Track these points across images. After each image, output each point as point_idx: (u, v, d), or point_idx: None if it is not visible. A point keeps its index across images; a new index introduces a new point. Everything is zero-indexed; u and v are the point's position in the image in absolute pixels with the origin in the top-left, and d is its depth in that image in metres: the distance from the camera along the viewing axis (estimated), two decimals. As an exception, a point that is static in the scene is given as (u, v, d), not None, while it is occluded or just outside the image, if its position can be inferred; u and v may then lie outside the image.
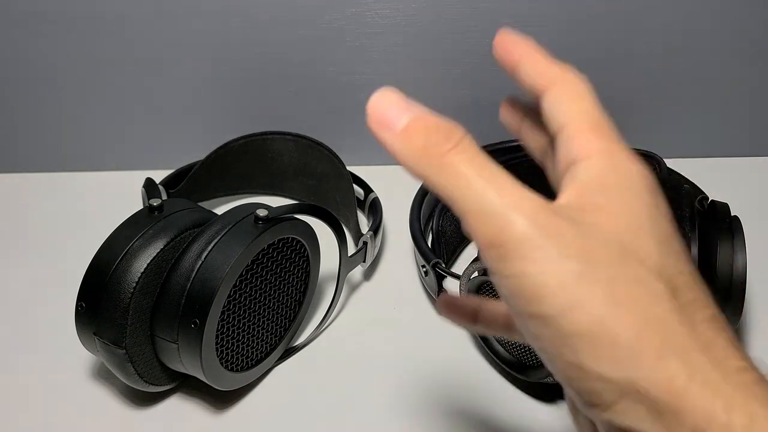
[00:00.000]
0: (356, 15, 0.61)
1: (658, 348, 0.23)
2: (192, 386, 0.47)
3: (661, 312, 0.24)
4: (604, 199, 0.26)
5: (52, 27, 0.62)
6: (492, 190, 0.25)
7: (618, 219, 0.25)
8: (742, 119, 0.68)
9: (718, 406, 0.23)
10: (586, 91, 0.29)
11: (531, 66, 0.30)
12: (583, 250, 0.24)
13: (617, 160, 0.27)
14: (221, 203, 0.63)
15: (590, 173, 0.26)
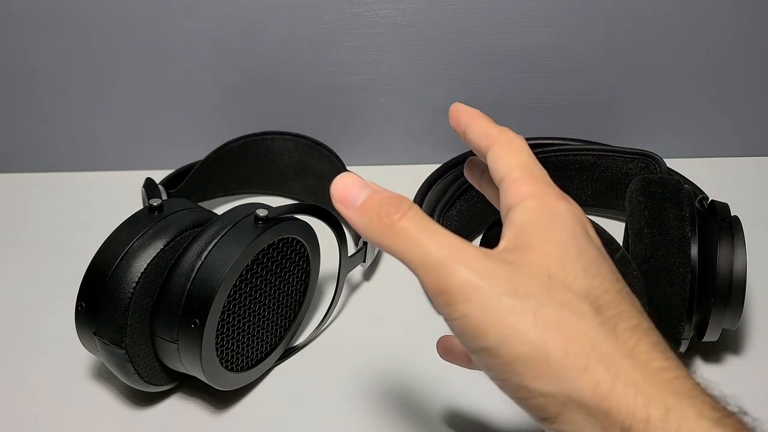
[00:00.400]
0: (356, 15, 0.61)
1: (583, 360, 0.27)
2: (192, 386, 0.47)
3: (586, 328, 0.28)
4: (534, 237, 0.30)
5: (51, 27, 0.62)
6: (435, 247, 0.29)
7: (546, 253, 0.29)
8: (742, 119, 0.68)
9: (639, 402, 0.26)
10: (520, 146, 0.34)
11: (475, 130, 0.35)
12: (513, 286, 0.28)
13: (546, 200, 0.31)
14: (221, 203, 0.64)
15: (522, 216, 0.31)
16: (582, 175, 0.60)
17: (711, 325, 0.45)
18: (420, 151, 0.68)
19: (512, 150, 0.34)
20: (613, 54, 0.63)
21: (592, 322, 0.28)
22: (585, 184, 0.60)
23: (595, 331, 0.28)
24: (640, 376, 0.27)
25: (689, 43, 0.63)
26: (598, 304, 0.28)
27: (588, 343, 0.27)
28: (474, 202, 0.58)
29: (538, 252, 0.29)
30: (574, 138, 0.62)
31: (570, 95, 0.65)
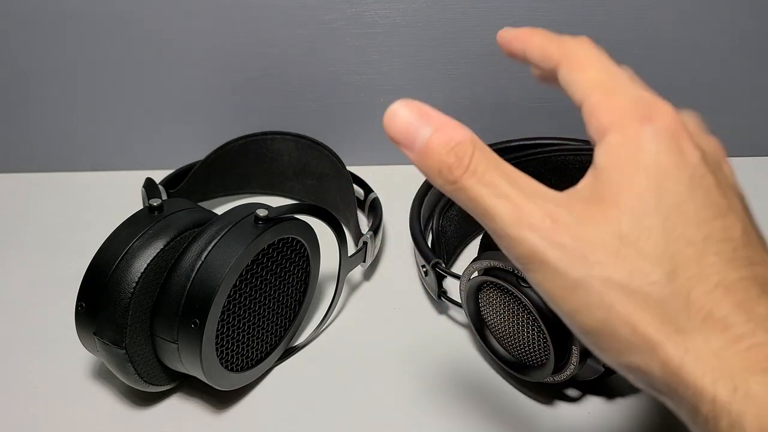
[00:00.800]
0: (356, 15, 0.61)
1: (651, 338, 0.25)
2: (192, 386, 0.47)
3: (654, 301, 0.25)
4: (611, 184, 0.27)
5: (51, 27, 0.62)
6: (500, 209, 0.27)
7: (619, 205, 0.27)
8: (742, 119, 0.68)
9: (707, 380, 0.24)
10: (587, 58, 0.30)
11: (534, 53, 0.32)
12: (582, 254, 0.26)
13: (627, 131, 0.28)
14: (221, 203, 0.64)
15: (603, 158, 0.28)
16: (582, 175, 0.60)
17: None
18: (420, 151, 0.68)
19: (577, 65, 0.30)
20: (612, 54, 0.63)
21: (663, 293, 0.25)
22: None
23: (664, 304, 0.25)
24: (711, 349, 0.25)
25: (689, 42, 0.63)
26: (674, 264, 0.26)
27: (656, 318, 0.25)
28: None
29: (609, 205, 0.27)
30: (574, 138, 0.62)
31: (570, 95, 0.65)
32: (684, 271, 0.26)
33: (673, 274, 0.26)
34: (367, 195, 0.60)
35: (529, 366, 0.45)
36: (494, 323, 0.46)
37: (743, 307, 0.25)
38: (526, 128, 0.65)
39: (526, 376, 0.45)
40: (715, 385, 0.24)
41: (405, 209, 0.56)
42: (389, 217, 0.59)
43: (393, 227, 0.60)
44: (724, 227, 0.27)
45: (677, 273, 0.26)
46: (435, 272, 0.50)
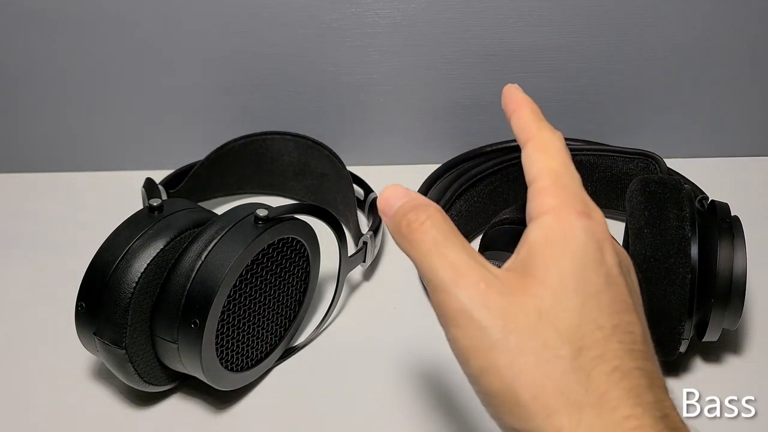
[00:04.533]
0: (356, 15, 0.61)
1: (550, 405, 0.27)
2: (192, 386, 0.47)
3: (559, 373, 0.28)
4: (540, 261, 0.30)
5: (52, 27, 0.62)
6: (441, 267, 0.30)
7: (544, 284, 0.29)
8: (742, 119, 0.68)
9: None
10: (555, 147, 0.33)
11: (517, 120, 0.35)
12: (502, 321, 0.29)
13: (564, 218, 0.30)
14: (221, 203, 0.64)
15: (537, 234, 0.31)
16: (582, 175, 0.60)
17: (711, 325, 0.45)
18: (420, 151, 0.68)
19: (545, 150, 0.33)
20: (613, 54, 0.63)
21: (567, 367, 0.28)
22: (585, 184, 0.60)
23: (567, 378, 0.28)
24: (602, 424, 0.27)
25: (689, 42, 0.63)
26: (581, 344, 0.28)
27: (557, 389, 0.27)
28: (474, 202, 0.58)
29: (537, 281, 0.29)
30: (574, 138, 0.62)
31: (570, 95, 0.65)
32: (589, 351, 0.28)
33: (580, 352, 0.28)
34: (367, 195, 0.60)
35: None
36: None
37: (634, 392, 0.28)
38: (526, 128, 0.65)
39: None
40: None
41: (405, 209, 0.56)
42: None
43: (393, 227, 0.60)
44: (629, 322, 0.29)
45: (583, 352, 0.28)
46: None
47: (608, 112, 0.67)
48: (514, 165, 0.60)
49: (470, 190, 0.58)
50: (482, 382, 0.29)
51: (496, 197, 0.60)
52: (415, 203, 0.32)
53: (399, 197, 0.33)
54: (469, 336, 0.29)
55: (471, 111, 0.66)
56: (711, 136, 0.68)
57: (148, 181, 0.56)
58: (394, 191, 0.33)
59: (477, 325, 0.29)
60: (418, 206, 0.32)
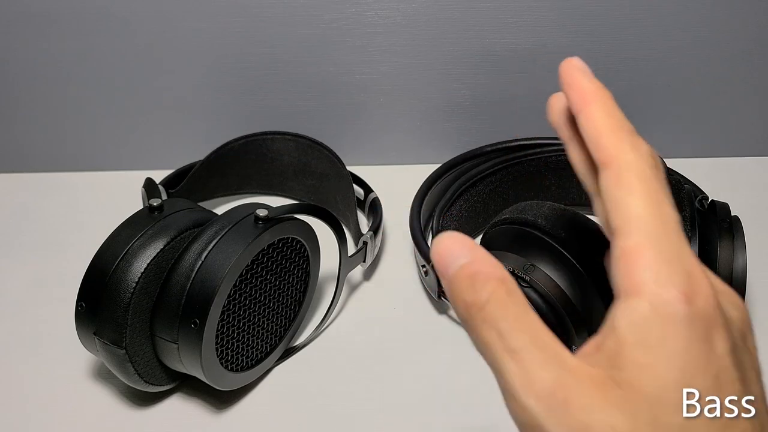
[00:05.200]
0: (356, 15, 0.61)
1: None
2: (192, 386, 0.47)
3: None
4: (631, 364, 0.24)
5: (52, 27, 0.62)
6: (510, 369, 0.25)
7: (639, 397, 0.24)
8: (742, 119, 0.68)
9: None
10: (645, 180, 0.26)
11: (587, 128, 0.28)
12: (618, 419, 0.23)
13: (663, 308, 0.24)
14: (221, 203, 0.64)
15: (629, 327, 0.24)
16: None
17: None
18: (420, 151, 0.68)
19: (629, 188, 0.25)
20: (613, 54, 0.63)
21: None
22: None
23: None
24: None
25: (689, 43, 0.63)
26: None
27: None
28: (474, 202, 0.58)
29: (629, 392, 0.24)
30: None
31: (570, 95, 0.65)
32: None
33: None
34: (367, 195, 0.60)
35: None
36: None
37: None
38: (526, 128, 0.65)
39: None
40: None
41: (405, 209, 0.56)
42: (389, 217, 0.59)
43: (393, 227, 0.60)
44: (743, 429, 0.25)
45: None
46: (435, 272, 0.50)
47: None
48: (514, 165, 0.60)
49: (470, 190, 0.58)
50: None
51: (496, 197, 0.60)
52: (472, 271, 0.26)
53: (456, 256, 0.26)
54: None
55: (471, 111, 0.66)
56: (711, 136, 0.68)
57: (148, 181, 0.56)
58: (450, 246, 0.26)
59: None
60: (476, 277, 0.26)
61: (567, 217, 0.44)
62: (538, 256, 0.43)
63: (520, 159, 0.60)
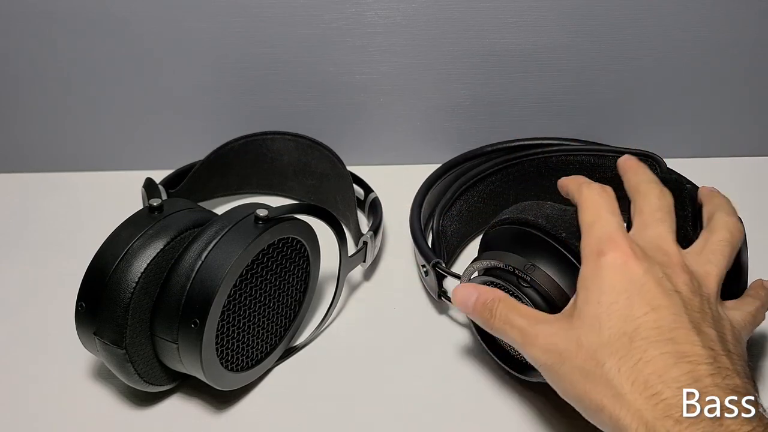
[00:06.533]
0: (356, 15, 0.61)
1: (599, 403, 0.36)
2: (192, 386, 0.47)
3: (597, 376, 0.36)
4: (579, 302, 0.39)
5: (52, 27, 0.62)
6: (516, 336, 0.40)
7: (582, 319, 0.38)
8: (741, 119, 0.68)
9: (633, 426, 0.34)
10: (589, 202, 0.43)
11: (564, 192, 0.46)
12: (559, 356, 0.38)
13: (590, 266, 0.39)
14: (221, 203, 0.64)
15: (579, 282, 0.40)
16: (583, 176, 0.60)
17: None
18: (420, 151, 0.68)
19: (582, 210, 0.42)
20: (613, 54, 0.63)
21: (603, 371, 0.36)
22: None
23: (606, 379, 0.36)
24: (636, 405, 0.34)
25: (689, 43, 0.63)
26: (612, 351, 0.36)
27: (600, 391, 0.36)
28: (474, 202, 0.58)
29: (576, 319, 0.38)
30: (574, 138, 0.62)
31: (570, 95, 0.65)
32: (617, 354, 0.36)
33: (611, 356, 0.36)
34: (367, 195, 0.60)
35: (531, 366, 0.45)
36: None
37: (657, 373, 0.34)
38: (526, 128, 0.65)
39: (529, 377, 0.45)
40: (637, 429, 0.34)
41: (405, 209, 0.56)
42: (389, 217, 0.59)
43: (393, 227, 0.60)
44: (654, 319, 0.36)
45: (613, 356, 0.36)
46: (435, 272, 0.50)
47: (608, 112, 0.67)
48: (514, 165, 0.60)
49: (470, 190, 0.58)
50: (565, 395, 0.38)
51: (496, 197, 0.60)
52: (482, 300, 0.42)
53: (468, 294, 0.43)
54: (546, 376, 0.40)
55: (471, 111, 0.66)
56: (711, 136, 0.68)
57: (148, 181, 0.56)
58: (463, 292, 0.43)
59: (550, 366, 0.39)
60: (485, 303, 0.42)
61: (567, 216, 0.44)
62: (538, 255, 0.43)
63: (521, 159, 0.60)
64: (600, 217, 0.40)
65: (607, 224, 0.40)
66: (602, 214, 0.41)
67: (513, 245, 0.45)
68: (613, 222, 0.40)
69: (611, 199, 0.42)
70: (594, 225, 0.40)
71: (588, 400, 0.36)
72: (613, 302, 0.37)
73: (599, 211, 0.41)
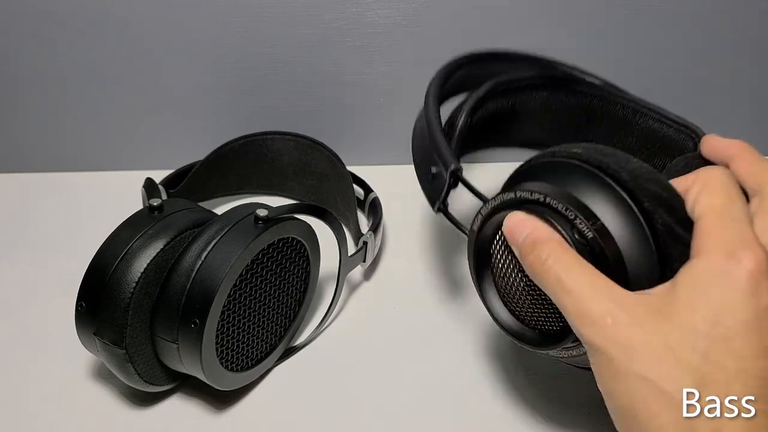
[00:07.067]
0: (356, 15, 0.61)
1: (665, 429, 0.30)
2: (192, 386, 0.47)
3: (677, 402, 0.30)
4: (677, 302, 0.31)
5: (52, 27, 0.62)
6: (570, 304, 0.33)
7: (676, 322, 0.31)
8: (741, 119, 0.68)
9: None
10: (719, 184, 0.34)
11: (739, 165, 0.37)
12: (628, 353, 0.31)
13: (711, 265, 0.32)
14: (221, 203, 0.64)
15: (683, 276, 0.32)
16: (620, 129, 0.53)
17: None
18: (420, 151, 0.68)
19: (709, 191, 0.34)
20: (612, 54, 0.63)
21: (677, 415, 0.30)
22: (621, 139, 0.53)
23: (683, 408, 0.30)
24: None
25: (689, 43, 0.63)
26: (702, 381, 0.30)
27: (674, 416, 0.30)
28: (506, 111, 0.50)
29: (668, 318, 0.31)
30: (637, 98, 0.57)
31: (570, 95, 0.65)
32: (707, 388, 0.30)
33: (698, 387, 0.30)
34: (367, 195, 0.60)
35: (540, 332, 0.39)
36: (504, 273, 0.39)
37: (747, 428, 0.30)
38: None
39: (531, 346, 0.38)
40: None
41: (405, 209, 0.56)
42: (389, 217, 0.59)
43: (393, 227, 0.60)
44: (762, 367, 0.30)
45: (701, 387, 0.30)
46: (450, 180, 0.41)
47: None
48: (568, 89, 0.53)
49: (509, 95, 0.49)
50: (608, 399, 0.33)
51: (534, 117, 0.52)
52: (534, 237, 0.35)
53: (522, 229, 0.35)
54: (599, 363, 0.32)
55: (471, 111, 0.66)
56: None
57: (148, 181, 0.56)
58: (517, 222, 0.36)
59: (605, 356, 0.32)
60: (536, 242, 0.35)
61: (655, 181, 0.35)
62: (609, 215, 0.35)
63: (575, 88, 0.52)
64: (735, 209, 0.33)
65: (743, 220, 0.32)
66: (737, 205, 0.33)
67: (576, 189, 0.36)
68: (748, 220, 0.33)
69: (740, 190, 0.34)
70: (724, 215, 0.32)
71: (647, 421, 0.31)
72: (723, 326, 0.30)
73: (733, 201, 0.33)
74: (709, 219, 0.32)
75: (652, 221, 0.34)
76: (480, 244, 0.40)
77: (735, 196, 0.33)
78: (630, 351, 0.31)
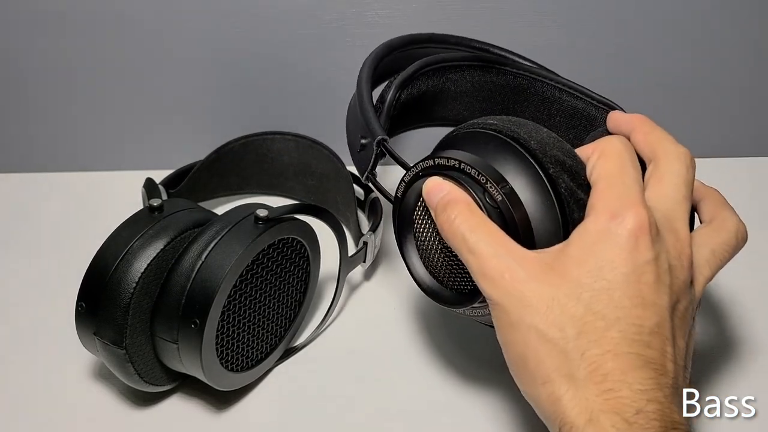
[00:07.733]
0: (356, 15, 0.61)
1: (548, 376, 0.34)
2: (192, 386, 0.47)
3: (559, 349, 0.33)
4: (568, 259, 0.35)
5: (52, 27, 0.62)
6: (472, 261, 0.36)
7: (565, 277, 0.34)
8: (741, 119, 0.68)
9: (573, 412, 0.33)
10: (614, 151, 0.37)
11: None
12: (520, 305, 0.34)
13: (598, 225, 0.35)
14: (221, 203, 0.64)
15: (574, 235, 0.35)
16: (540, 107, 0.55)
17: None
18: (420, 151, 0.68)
19: (605, 157, 0.37)
20: (612, 54, 0.63)
21: (567, 346, 0.33)
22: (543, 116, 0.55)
23: (563, 354, 0.33)
24: (585, 393, 0.33)
25: (689, 43, 0.63)
26: (583, 329, 0.33)
27: (554, 363, 0.33)
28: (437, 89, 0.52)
29: (559, 275, 0.34)
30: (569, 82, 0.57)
31: (570, 95, 0.65)
32: (588, 335, 0.33)
33: (579, 335, 0.33)
34: (367, 195, 0.60)
35: (456, 291, 0.40)
36: (424, 237, 0.41)
37: (620, 370, 0.32)
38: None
39: (447, 305, 0.41)
40: (577, 416, 0.32)
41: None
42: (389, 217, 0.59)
43: (393, 227, 0.60)
44: (638, 316, 0.33)
45: (582, 335, 0.33)
46: (378, 150, 0.44)
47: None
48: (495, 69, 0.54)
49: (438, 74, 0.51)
50: (504, 350, 0.36)
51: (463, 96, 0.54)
52: (447, 199, 0.37)
53: (437, 192, 0.38)
54: (496, 316, 0.35)
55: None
56: (711, 136, 0.68)
57: (148, 181, 0.56)
58: (434, 186, 0.38)
59: (502, 309, 0.35)
60: (449, 203, 0.37)
61: (560, 149, 0.38)
62: (518, 180, 0.37)
63: (504, 69, 0.55)
64: (625, 174, 0.36)
65: (632, 184, 0.35)
66: (627, 170, 0.36)
67: (489, 156, 0.38)
68: (637, 184, 0.36)
69: (635, 157, 0.37)
70: (615, 179, 0.35)
71: (535, 366, 0.34)
72: (605, 280, 0.33)
73: (625, 167, 0.36)
74: (602, 183, 0.36)
75: (556, 186, 0.36)
76: (403, 209, 0.42)
77: (627, 162, 0.36)
78: (523, 303, 0.34)
